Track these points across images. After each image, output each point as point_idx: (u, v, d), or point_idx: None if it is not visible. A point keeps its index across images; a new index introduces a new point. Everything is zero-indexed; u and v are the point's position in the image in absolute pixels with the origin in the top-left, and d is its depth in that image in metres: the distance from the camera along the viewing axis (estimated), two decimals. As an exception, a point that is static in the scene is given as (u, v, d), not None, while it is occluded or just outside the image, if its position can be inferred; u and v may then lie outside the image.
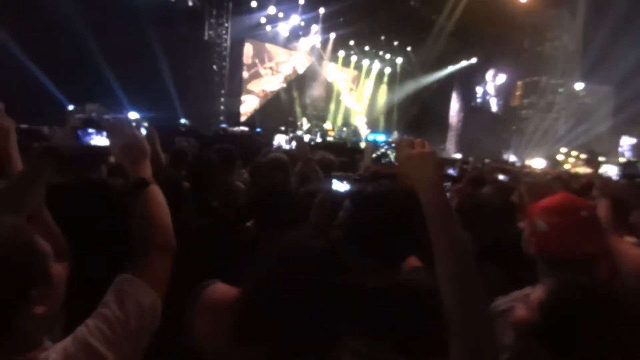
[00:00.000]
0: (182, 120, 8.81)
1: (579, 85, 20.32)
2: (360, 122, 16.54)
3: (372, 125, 16.37)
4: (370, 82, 16.43)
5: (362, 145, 10.59)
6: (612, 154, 19.47)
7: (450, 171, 2.46)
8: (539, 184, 1.98)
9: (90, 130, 0.90)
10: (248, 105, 12.84)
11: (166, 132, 2.76)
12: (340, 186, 1.24)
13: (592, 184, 1.98)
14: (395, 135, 12.53)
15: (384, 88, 16.54)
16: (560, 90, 20.11)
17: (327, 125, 13.27)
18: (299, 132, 11.43)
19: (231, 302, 0.85)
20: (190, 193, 1.56)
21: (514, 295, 1.09)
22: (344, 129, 14.52)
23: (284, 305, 0.83)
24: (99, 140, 0.92)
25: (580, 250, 1.03)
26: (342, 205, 1.04)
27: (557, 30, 18.05)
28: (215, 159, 1.87)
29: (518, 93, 19.59)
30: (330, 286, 0.81)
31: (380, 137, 10.39)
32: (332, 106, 15.47)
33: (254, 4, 11.31)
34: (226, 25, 11.04)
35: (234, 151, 2.09)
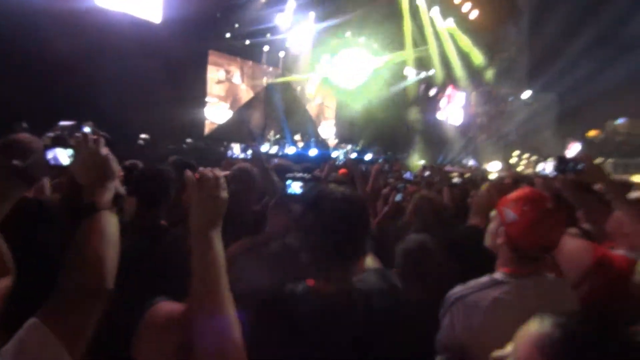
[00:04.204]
0: (142, 135, 8.41)
1: (526, 94, 22.09)
2: (328, 133, 16.77)
3: (340, 135, 16.65)
4: (337, 92, 16.80)
5: (335, 154, 10.77)
6: (558, 154, 21.22)
7: (407, 175, 2.56)
8: (503, 182, 2.08)
9: (58, 149, 0.83)
10: (213, 117, 12.59)
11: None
12: (295, 187, 1.23)
13: (532, 181, 2.13)
14: (361, 144, 12.84)
15: (350, 99, 16.96)
16: (510, 98, 21.75)
17: (296, 137, 13.31)
18: (266, 144, 11.35)
19: (176, 320, 0.81)
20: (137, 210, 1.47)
21: (470, 284, 1.13)
22: (312, 139, 14.64)
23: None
24: (63, 156, 0.83)
25: (547, 239, 1.07)
26: (296, 205, 1.03)
27: (504, 44, 19.58)
28: (172, 174, 1.78)
29: (473, 102, 20.90)
30: (278, 295, 0.81)
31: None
32: (301, 117, 15.57)
33: (217, 15, 11.26)
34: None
35: (192, 164, 2.02)
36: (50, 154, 0.81)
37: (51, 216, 1.03)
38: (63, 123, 0.92)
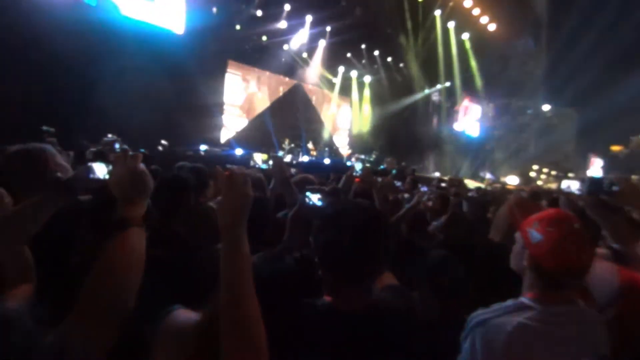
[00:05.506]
0: (162, 141, 8.61)
1: (545, 107, 21.64)
2: (341, 142, 16.80)
3: (353, 146, 16.65)
4: (352, 103, 16.89)
5: (349, 163, 10.80)
6: (579, 169, 20.69)
7: (424, 189, 2.54)
8: (528, 200, 2.00)
9: (97, 163, 0.88)
10: (230, 125, 12.81)
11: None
12: (314, 199, 1.23)
13: (557, 199, 2.07)
14: (374, 155, 12.78)
15: (364, 109, 17.01)
16: (529, 111, 21.34)
17: (310, 146, 13.38)
18: (280, 152, 11.45)
19: (193, 328, 0.81)
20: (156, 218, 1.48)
21: (494, 307, 1.08)
22: (326, 148, 14.68)
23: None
24: (101, 171, 0.88)
25: (573, 262, 1.00)
26: (314, 219, 1.02)
27: (523, 57, 19.33)
28: (190, 180, 1.81)
29: (491, 115, 20.60)
30: (294, 311, 0.79)
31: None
32: (315, 126, 15.68)
33: (238, 27, 11.59)
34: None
35: (205, 170, 2.05)
36: (90, 168, 0.84)
37: (89, 220, 1.05)
38: (105, 139, 0.96)
